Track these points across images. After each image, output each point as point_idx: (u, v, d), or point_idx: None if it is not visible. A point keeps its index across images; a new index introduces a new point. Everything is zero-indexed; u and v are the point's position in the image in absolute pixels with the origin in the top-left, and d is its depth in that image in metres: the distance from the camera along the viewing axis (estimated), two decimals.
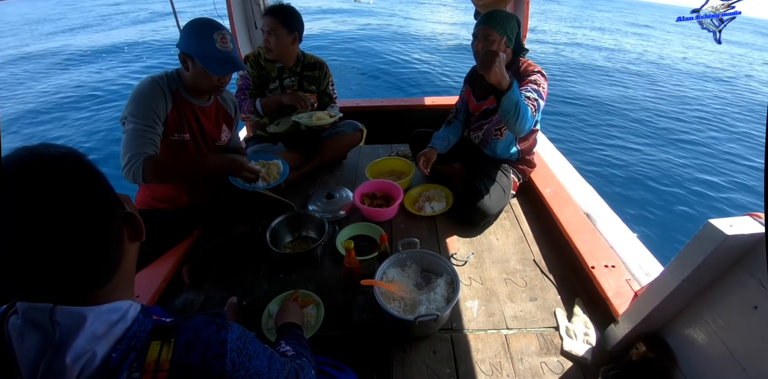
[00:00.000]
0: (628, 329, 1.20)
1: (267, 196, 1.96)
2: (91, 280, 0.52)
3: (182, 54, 1.49)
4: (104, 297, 0.53)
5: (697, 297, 1.05)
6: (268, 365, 0.63)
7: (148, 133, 1.45)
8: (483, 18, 1.76)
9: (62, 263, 0.49)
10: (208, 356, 0.52)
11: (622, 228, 1.79)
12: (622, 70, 10.77)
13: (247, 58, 2.20)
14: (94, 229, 0.52)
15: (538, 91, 1.73)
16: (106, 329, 0.50)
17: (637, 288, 1.38)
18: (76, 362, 0.46)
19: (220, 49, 1.46)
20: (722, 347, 0.97)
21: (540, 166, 2.22)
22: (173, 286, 1.61)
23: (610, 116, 6.98)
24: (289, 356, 0.88)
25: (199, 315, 0.58)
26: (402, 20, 16.04)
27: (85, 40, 11.80)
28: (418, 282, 1.55)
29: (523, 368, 1.28)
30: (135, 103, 1.45)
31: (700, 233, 0.95)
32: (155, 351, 0.51)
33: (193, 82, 1.55)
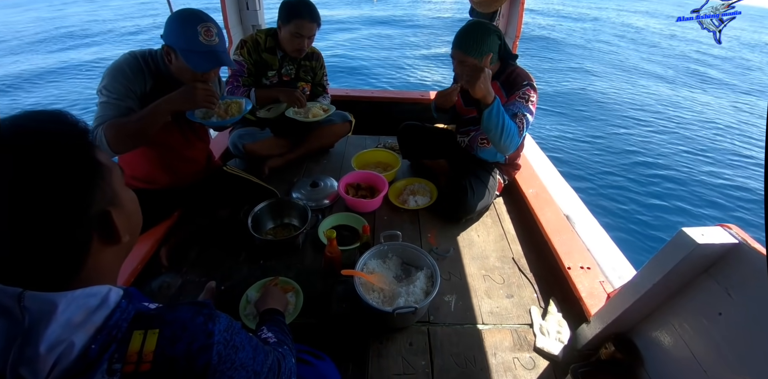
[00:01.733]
0: (599, 329, 1.24)
1: (251, 181, 1.93)
2: (62, 264, 0.50)
3: (165, 46, 1.40)
4: (82, 282, 0.50)
5: (666, 301, 1.10)
6: (253, 356, 0.62)
7: (118, 105, 1.37)
8: (457, 41, 1.70)
9: (24, 246, 0.46)
10: (194, 349, 0.51)
11: (599, 231, 1.84)
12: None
13: (245, 43, 2.11)
14: (50, 228, 0.48)
15: (527, 107, 1.71)
16: (84, 317, 0.47)
17: (610, 290, 1.42)
18: (51, 351, 0.44)
19: (204, 43, 1.36)
20: (686, 350, 1.01)
21: (525, 167, 2.25)
22: (150, 267, 1.58)
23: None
24: (270, 343, 0.88)
25: (185, 305, 0.57)
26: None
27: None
28: (398, 274, 1.56)
29: (496, 362, 1.31)
30: (110, 77, 1.37)
31: (673, 241, 0.99)
32: (137, 342, 0.49)
33: (176, 74, 1.46)
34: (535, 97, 1.74)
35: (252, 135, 2.23)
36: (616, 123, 6.67)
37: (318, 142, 2.49)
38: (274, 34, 2.12)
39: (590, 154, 5.53)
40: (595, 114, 7.01)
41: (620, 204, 4.44)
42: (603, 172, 5.09)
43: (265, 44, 2.13)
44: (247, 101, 1.69)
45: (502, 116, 1.60)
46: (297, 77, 2.29)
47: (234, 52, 2.14)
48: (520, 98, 1.72)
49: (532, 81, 1.75)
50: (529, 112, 1.71)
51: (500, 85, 1.80)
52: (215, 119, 1.58)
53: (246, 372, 0.59)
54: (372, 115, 3.11)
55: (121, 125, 1.33)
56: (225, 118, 1.59)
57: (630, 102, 7.76)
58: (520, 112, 1.69)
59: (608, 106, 7.46)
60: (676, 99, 8.27)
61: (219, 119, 1.58)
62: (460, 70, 1.72)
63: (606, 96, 8.01)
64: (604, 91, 8.27)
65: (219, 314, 0.58)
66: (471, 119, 1.99)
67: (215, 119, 1.58)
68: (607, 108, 7.34)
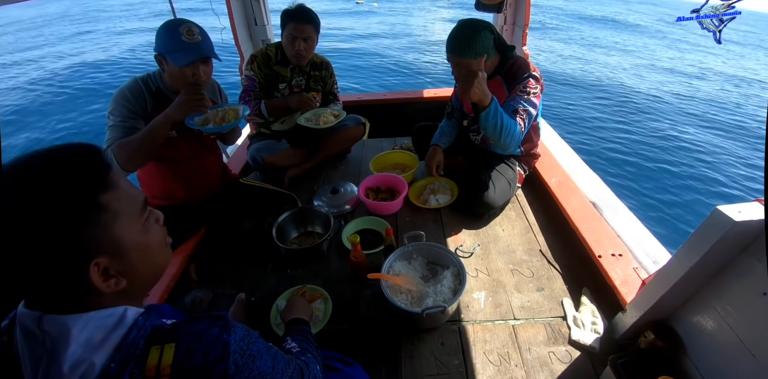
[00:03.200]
0: (636, 317, 1.19)
1: (268, 189, 1.96)
2: (66, 290, 0.51)
3: (157, 56, 1.49)
4: (97, 304, 0.52)
5: (706, 284, 1.05)
6: (272, 365, 0.62)
7: (123, 126, 1.45)
8: (449, 45, 1.67)
9: (28, 270, 0.48)
10: (211, 359, 0.52)
11: (629, 216, 1.78)
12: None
13: (255, 58, 2.16)
14: (35, 260, 0.48)
15: (529, 100, 1.68)
16: (103, 336, 0.49)
17: (645, 276, 1.37)
18: (74, 371, 0.46)
19: (186, 41, 1.43)
20: (731, 334, 0.96)
21: (544, 155, 2.20)
22: (182, 284, 1.63)
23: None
24: (294, 353, 0.88)
25: (200, 317, 0.57)
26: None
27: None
28: (425, 275, 1.55)
29: (531, 357, 1.28)
30: (114, 102, 1.47)
31: (708, 220, 0.95)
32: (155, 357, 0.50)
33: (172, 83, 1.54)
34: (539, 88, 1.71)
35: (269, 148, 2.27)
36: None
37: (334, 147, 2.50)
38: (282, 47, 2.16)
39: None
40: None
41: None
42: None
43: (276, 57, 2.17)
44: (244, 107, 1.71)
45: (500, 117, 1.60)
46: (307, 87, 2.32)
47: (245, 68, 2.19)
48: (521, 92, 1.69)
49: (533, 71, 1.71)
50: (532, 104, 1.69)
51: (502, 78, 1.77)
52: (211, 126, 1.60)
53: None
54: (385, 118, 3.12)
55: (128, 142, 1.41)
56: (221, 125, 1.61)
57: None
58: (521, 106, 1.68)
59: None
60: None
61: (215, 126, 1.60)
62: (458, 73, 1.71)
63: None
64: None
65: (234, 323, 0.58)
66: (477, 118, 1.96)
67: (211, 126, 1.60)
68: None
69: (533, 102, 1.69)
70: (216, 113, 1.62)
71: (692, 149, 5.37)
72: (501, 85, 1.78)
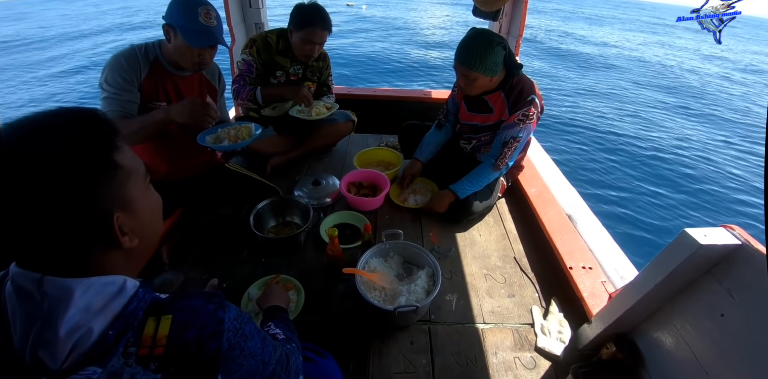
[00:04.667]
0: (600, 329, 1.24)
1: (253, 179, 1.94)
2: (61, 264, 0.51)
3: (166, 25, 1.46)
4: (99, 271, 0.52)
5: (668, 302, 1.10)
6: (262, 346, 0.64)
7: (119, 99, 1.45)
8: (459, 55, 1.65)
9: (35, 230, 0.47)
10: (205, 335, 0.53)
11: (601, 231, 1.83)
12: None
13: (254, 42, 2.10)
14: (49, 217, 0.48)
15: (523, 130, 1.73)
16: (103, 303, 0.49)
17: (612, 290, 1.43)
18: (70, 336, 0.46)
19: (202, 23, 1.43)
20: (688, 351, 1.01)
21: (527, 166, 2.25)
22: (152, 265, 1.58)
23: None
24: (279, 340, 0.89)
25: (196, 293, 0.58)
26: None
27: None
28: (400, 273, 1.56)
29: (497, 361, 1.31)
30: (108, 70, 1.45)
31: (676, 241, 0.99)
32: (151, 327, 0.51)
33: (174, 56, 1.52)
34: (536, 113, 1.74)
35: None
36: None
37: (321, 140, 2.48)
38: (285, 36, 2.11)
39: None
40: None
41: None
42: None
43: (278, 46, 2.13)
44: (256, 126, 1.74)
45: (474, 186, 1.85)
46: (304, 77, 2.29)
47: (242, 52, 2.13)
48: (518, 120, 1.73)
49: (535, 93, 1.73)
50: (526, 132, 1.75)
51: (504, 95, 1.78)
52: (226, 143, 1.64)
53: (255, 361, 0.61)
54: (374, 114, 3.11)
55: (124, 125, 1.40)
56: (235, 143, 1.65)
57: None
58: (515, 137, 1.74)
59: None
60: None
61: (230, 143, 1.64)
62: (465, 84, 1.72)
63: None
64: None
65: (228, 303, 0.59)
66: (473, 127, 1.97)
67: (226, 143, 1.64)
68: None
69: (529, 129, 1.75)
70: (228, 132, 1.68)
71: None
72: (502, 100, 1.79)
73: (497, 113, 1.83)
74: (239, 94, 2.09)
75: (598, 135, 6.23)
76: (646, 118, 7.32)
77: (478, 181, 1.86)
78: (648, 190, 4.77)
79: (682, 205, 4.53)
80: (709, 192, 4.86)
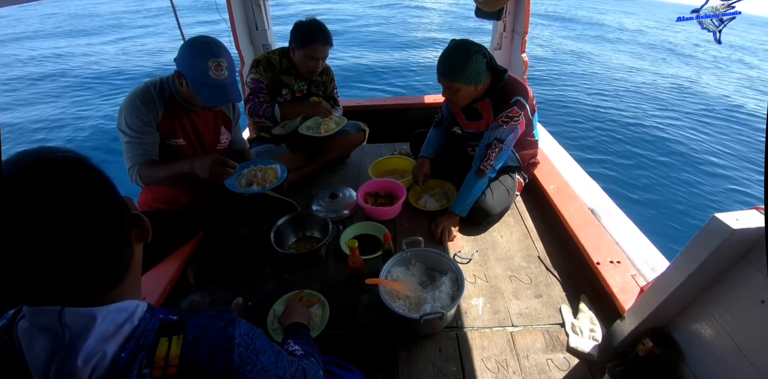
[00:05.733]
0: (635, 324, 1.19)
1: (270, 196, 1.96)
2: (104, 283, 0.53)
3: (177, 71, 1.48)
4: (114, 298, 0.53)
5: (704, 292, 1.05)
6: (275, 360, 0.64)
7: (141, 143, 1.52)
8: (440, 68, 1.67)
9: (74, 269, 0.49)
10: (216, 352, 0.54)
11: (627, 223, 1.78)
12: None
13: (259, 63, 2.15)
14: (106, 234, 0.52)
15: (506, 131, 1.72)
16: (115, 330, 0.50)
17: (643, 284, 1.37)
18: (88, 362, 0.47)
19: (213, 78, 1.43)
20: (730, 341, 0.96)
21: (543, 162, 2.21)
22: (179, 287, 1.62)
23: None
24: (297, 356, 0.89)
25: (206, 311, 0.60)
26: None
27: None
28: (423, 280, 1.55)
29: (529, 365, 1.27)
30: (125, 114, 1.49)
31: (706, 228, 0.95)
32: (164, 347, 0.52)
33: (187, 98, 1.56)
34: (522, 114, 1.72)
35: (269, 152, 2.27)
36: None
37: (334, 153, 2.51)
38: (287, 55, 2.16)
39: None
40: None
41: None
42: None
43: (281, 66, 2.17)
44: (282, 167, 1.81)
45: (469, 199, 1.84)
46: (309, 93, 2.33)
47: (250, 71, 2.19)
48: (502, 121, 1.71)
49: (522, 94, 1.71)
50: (509, 133, 1.73)
51: (491, 100, 1.78)
52: (256, 188, 1.70)
53: (268, 376, 0.61)
54: (385, 123, 3.13)
55: (152, 173, 1.53)
56: (264, 187, 1.70)
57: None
58: (498, 138, 1.73)
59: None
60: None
61: (259, 188, 1.70)
62: (449, 95, 1.74)
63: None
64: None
65: (239, 319, 0.60)
66: (473, 134, 1.97)
67: (256, 188, 1.70)
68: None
69: (515, 130, 1.74)
70: (255, 174, 1.75)
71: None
72: (489, 107, 1.79)
73: (486, 119, 1.83)
74: (256, 112, 2.12)
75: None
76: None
77: (469, 193, 1.84)
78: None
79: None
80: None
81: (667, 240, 3.35)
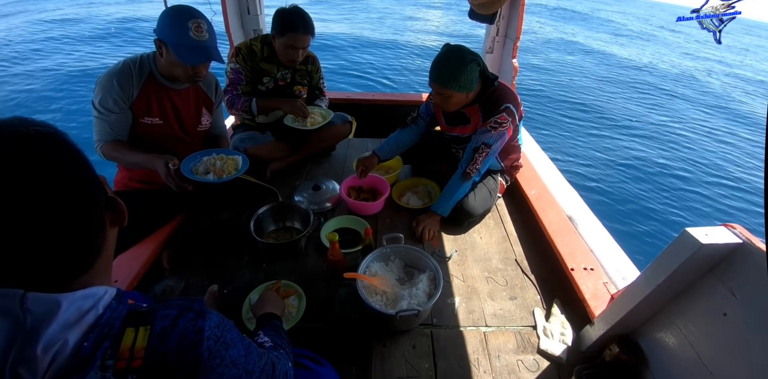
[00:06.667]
0: (603, 330, 1.23)
1: (251, 183, 1.93)
2: (71, 269, 0.50)
3: (157, 40, 1.46)
4: (82, 284, 0.51)
5: (670, 302, 1.09)
6: (245, 354, 0.62)
7: (108, 121, 1.51)
8: (434, 74, 1.66)
9: (40, 252, 0.47)
10: (185, 345, 0.52)
11: (602, 232, 1.83)
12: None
13: (239, 51, 2.10)
14: (78, 216, 0.49)
15: (496, 135, 1.73)
16: (78, 317, 0.48)
17: (614, 291, 1.42)
18: (47, 351, 0.45)
19: (194, 38, 1.42)
20: (692, 351, 1.00)
21: (526, 167, 2.25)
22: (153, 272, 1.58)
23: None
24: (266, 348, 0.88)
25: (176, 301, 0.57)
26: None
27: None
28: (401, 277, 1.56)
29: (500, 365, 1.30)
30: (102, 91, 1.48)
31: (677, 241, 0.98)
32: (129, 338, 0.50)
33: (168, 70, 1.53)
34: (510, 121, 1.73)
35: (253, 139, 2.23)
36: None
37: (319, 144, 2.49)
38: (270, 42, 2.11)
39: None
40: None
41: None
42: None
43: (263, 53, 2.13)
44: (244, 159, 1.75)
45: (452, 200, 1.85)
46: (293, 81, 2.29)
47: (229, 61, 2.14)
48: (490, 127, 1.72)
49: (512, 102, 1.73)
50: (497, 139, 1.74)
51: (480, 107, 1.78)
52: (212, 176, 1.64)
53: (237, 370, 0.59)
54: (373, 118, 3.12)
55: (116, 156, 1.56)
56: (221, 177, 1.65)
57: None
58: (485, 142, 1.74)
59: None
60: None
61: (215, 177, 1.64)
62: (440, 101, 1.73)
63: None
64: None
65: (209, 310, 0.58)
66: (455, 138, 1.98)
67: (212, 176, 1.64)
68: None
69: (501, 136, 1.75)
70: (214, 163, 1.69)
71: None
72: (478, 112, 1.80)
73: (474, 124, 1.84)
74: (234, 105, 2.10)
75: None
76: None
77: (453, 194, 1.85)
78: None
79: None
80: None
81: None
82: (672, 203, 4.66)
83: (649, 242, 3.87)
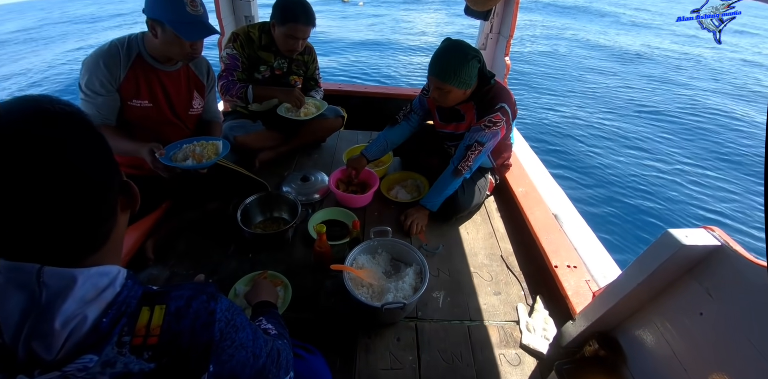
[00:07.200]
0: (584, 326, 1.26)
1: (241, 173, 1.91)
2: (82, 247, 0.51)
3: (150, 20, 1.41)
4: (93, 262, 0.52)
5: (650, 301, 1.12)
6: (253, 338, 0.64)
7: (95, 103, 1.47)
8: (434, 68, 1.64)
9: (53, 229, 0.47)
10: (198, 325, 0.54)
11: (586, 231, 1.86)
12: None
13: (237, 36, 2.06)
14: (93, 197, 0.50)
15: (487, 135, 1.72)
16: (96, 294, 0.49)
17: (596, 289, 1.45)
18: (66, 325, 0.45)
19: (191, 13, 1.39)
20: (668, 348, 1.04)
21: (515, 165, 2.27)
22: (137, 260, 1.56)
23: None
24: (271, 335, 0.89)
25: (189, 284, 0.59)
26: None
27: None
28: (388, 270, 1.57)
29: (483, 358, 1.33)
30: (88, 73, 1.44)
31: (658, 241, 1.01)
32: (145, 316, 0.51)
33: (163, 50, 1.48)
34: (504, 120, 1.73)
35: (244, 127, 2.21)
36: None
37: (310, 136, 2.47)
38: (268, 30, 2.07)
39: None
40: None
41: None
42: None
43: (260, 41, 2.09)
44: (224, 143, 1.67)
45: (441, 195, 1.85)
46: (289, 71, 2.26)
47: (226, 46, 2.10)
48: (484, 126, 1.72)
49: (507, 101, 1.73)
50: (490, 138, 1.74)
51: (475, 105, 1.79)
52: (190, 162, 1.57)
53: (246, 352, 0.62)
54: (364, 111, 3.10)
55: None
56: (201, 162, 1.58)
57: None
58: (478, 141, 1.74)
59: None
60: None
61: (194, 162, 1.57)
62: (438, 96, 1.72)
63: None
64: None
65: (220, 294, 0.60)
66: (449, 134, 1.99)
67: (190, 162, 1.57)
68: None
69: (494, 134, 1.74)
70: (193, 149, 1.61)
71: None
72: (472, 110, 1.80)
73: (468, 121, 1.84)
74: (228, 91, 2.06)
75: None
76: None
77: (443, 190, 1.85)
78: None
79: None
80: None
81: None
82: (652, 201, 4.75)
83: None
